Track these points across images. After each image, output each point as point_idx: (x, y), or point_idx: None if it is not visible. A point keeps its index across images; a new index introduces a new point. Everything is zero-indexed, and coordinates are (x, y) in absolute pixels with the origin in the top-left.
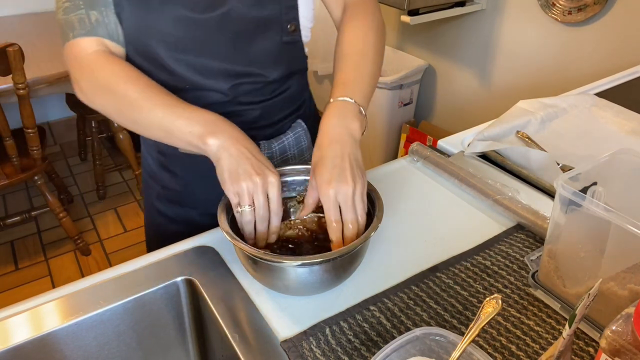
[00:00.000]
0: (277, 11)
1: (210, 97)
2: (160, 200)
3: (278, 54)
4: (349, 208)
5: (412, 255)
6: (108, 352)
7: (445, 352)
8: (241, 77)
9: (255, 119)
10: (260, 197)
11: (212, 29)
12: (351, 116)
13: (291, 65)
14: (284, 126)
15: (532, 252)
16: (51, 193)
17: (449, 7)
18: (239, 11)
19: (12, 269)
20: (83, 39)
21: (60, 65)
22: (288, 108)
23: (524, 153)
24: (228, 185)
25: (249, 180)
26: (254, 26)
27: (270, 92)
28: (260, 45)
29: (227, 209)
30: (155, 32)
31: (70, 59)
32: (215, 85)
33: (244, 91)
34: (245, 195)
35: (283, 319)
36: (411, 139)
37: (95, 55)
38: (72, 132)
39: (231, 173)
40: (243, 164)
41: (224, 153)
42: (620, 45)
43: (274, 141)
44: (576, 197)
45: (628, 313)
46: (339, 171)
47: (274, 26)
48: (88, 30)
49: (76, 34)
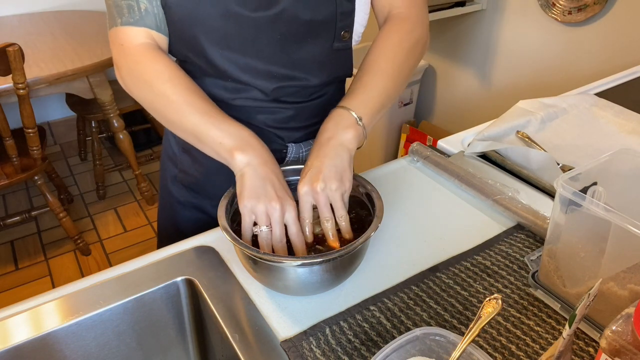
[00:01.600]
0: (332, 16)
1: (251, 93)
2: (175, 184)
3: (325, 60)
4: (322, 206)
5: (412, 255)
6: (108, 352)
7: (445, 352)
8: (284, 79)
9: (288, 119)
10: (278, 223)
11: (261, 28)
12: (344, 126)
13: (336, 71)
14: (314, 132)
15: (532, 252)
16: (51, 193)
17: (449, 7)
18: (293, 12)
19: (12, 269)
20: (131, 28)
21: (60, 65)
22: (322, 114)
23: (524, 153)
24: (246, 201)
25: (267, 203)
26: (306, 29)
27: (308, 94)
28: (308, 50)
29: (227, 209)
30: (202, 25)
31: (115, 45)
32: (258, 84)
33: (286, 93)
34: (263, 216)
35: (283, 319)
36: (411, 139)
37: (142, 48)
38: (72, 132)
39: (251, 192)
40: (267, 186)
41: (250, 170)
42: (620, 45)
43: (303, 146)
44: (576, 197)
45: (628, 313)
46: (313, 172)
47: (326, 31)
48: (137, 20)
49: (124, 21)
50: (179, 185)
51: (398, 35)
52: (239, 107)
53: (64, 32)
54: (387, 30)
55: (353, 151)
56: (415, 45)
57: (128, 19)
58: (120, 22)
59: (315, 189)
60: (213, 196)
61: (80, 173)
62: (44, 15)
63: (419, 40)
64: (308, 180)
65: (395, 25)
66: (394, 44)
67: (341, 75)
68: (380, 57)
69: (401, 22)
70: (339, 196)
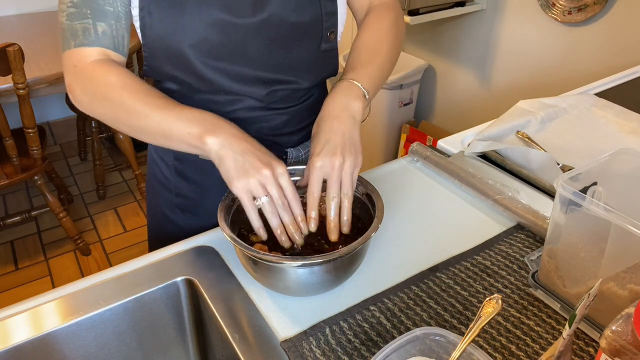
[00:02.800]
0: (318, 17)
1: (245, 102)
2: (173, 211)
3: (314, 62)
4: (332, 183)
5: (412, 255)
6: (108, 352)
7: (445, 352)
8: (275, 84)
9: (282, 124)
10: (274, 187)
11: (249, 35)
12: (354, 97)
13: (324, 72)
14: (309, 133)
15: (532, 252)
16: (51, 193)
17: (449, 7)
18: (279, 16)
19: (12, 269)
20: (85, 49)
21: (60, 65)
22: (312, 115)
23: (524, 153)
24: (236, 182)
25: (257, 174)
26: (293, 33)
27: (298, 97)
28: (297, 53)
29: (227, 209)
30: (188, 36)
31: (68, 67)
32: (250, 92)
33: (278, 97)
34: (259, 188)
35: (283, 319)
36: (411, 139)
37: (94, 64)
38: (72, 132)
39: (238, 170)
40: (249, 158)
41: (227, 151)
42: (620, 45)
43: (301, 149)
44: (576, 197)
45: (628, 313)
46: (330, 145)
47: (313, 33)
48: (92, 41)
49: (78, 42)
50: (177, 212)
51: (385, 19)
52: (232, 120)
53: None
54: (374, 15)
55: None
56: (399, 30)
57: (82, 40)
58: (74, 44)
59: (333, 164)
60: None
61: (80, 173)
62: (44, 15)
63: (400, 25)
64: (326, 154)
65: (379, 12)
66: (384, 25)
67: (328, 75)
68: (373, 37)
69: (384, 10)
70: (351, 172)
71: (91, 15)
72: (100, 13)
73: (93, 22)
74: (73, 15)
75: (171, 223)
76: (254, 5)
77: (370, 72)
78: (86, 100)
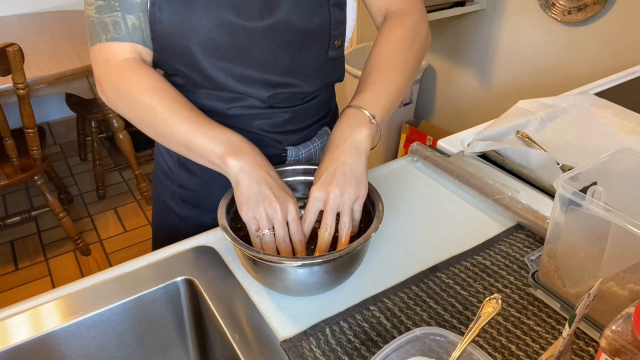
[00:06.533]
0: (326, 25)
1: (247, 102)
2: (175, 200)
3: (320, 68)
4: (326, 214)
5: (412, 255)
6: (108, 352)
7: (445, 352)
8: (279, 87)
9: (284, 122)
10: (280, 224)
11: (256, 38)
12: (358, 125)
13: (329, 78)
14: (310, 133)
15: (532, 252)
16: (51, 193)
17: (449, 7)
18: (288, 22)
19: (12, 269)
20: (117, 44)
21: (60, 65)
22: (316, 115)
23: (524, 153)
24: (246, 209)
25: (268, 206)
26: (300, 38)
27: (302, 98)
28: (303, 58)
29: (228, 209)
30: (195, 35)
31: (98, 61)
32: (254, 93)
33: (281, 99)
34: (265, 220)
35: (283, 319)
36: (411, 138)
37: (127, 63)
38: (72, 132)
39: (251, 197)
40: (264, 189)
41: (245, 177)
42: (620, 45)
43: (302, 147)
44: (576, 197)
45: (628, 313)
46: (328, 176)
47: (320, 40)
48: (123, 35)
49: (109, 37)
50: (178, 202)
51: (400, 30)
52: (234, 116)
53: (64, 32)
54: (389, 27)
55: (368, 152)
56: (417, 38)
57: (114, 34)
58: (105, 38)
59: (329, 195)
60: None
61: (80, 173)
62: (44, 15)
63: (419, 33)
64: (322, 184)
65: (395, 21)
66: (398, 38)
67: (333, 81)
68: (385, 53)
69: (401, 18)
70: (350, 204)
71: (120, 8)
72: (128, 5)
73: (122, 14)
74: (102, 8)
75: (173, 213)
76: (263, 9)
77: (378, 94)
78: (114, 96)
